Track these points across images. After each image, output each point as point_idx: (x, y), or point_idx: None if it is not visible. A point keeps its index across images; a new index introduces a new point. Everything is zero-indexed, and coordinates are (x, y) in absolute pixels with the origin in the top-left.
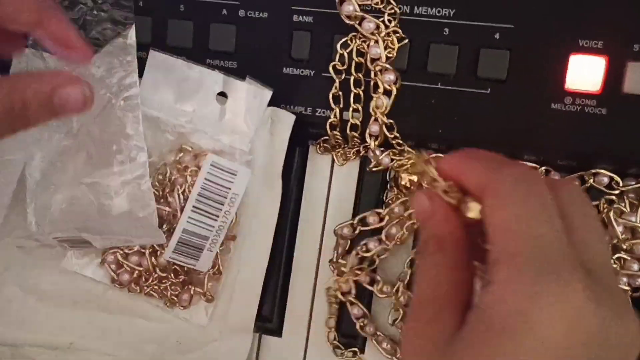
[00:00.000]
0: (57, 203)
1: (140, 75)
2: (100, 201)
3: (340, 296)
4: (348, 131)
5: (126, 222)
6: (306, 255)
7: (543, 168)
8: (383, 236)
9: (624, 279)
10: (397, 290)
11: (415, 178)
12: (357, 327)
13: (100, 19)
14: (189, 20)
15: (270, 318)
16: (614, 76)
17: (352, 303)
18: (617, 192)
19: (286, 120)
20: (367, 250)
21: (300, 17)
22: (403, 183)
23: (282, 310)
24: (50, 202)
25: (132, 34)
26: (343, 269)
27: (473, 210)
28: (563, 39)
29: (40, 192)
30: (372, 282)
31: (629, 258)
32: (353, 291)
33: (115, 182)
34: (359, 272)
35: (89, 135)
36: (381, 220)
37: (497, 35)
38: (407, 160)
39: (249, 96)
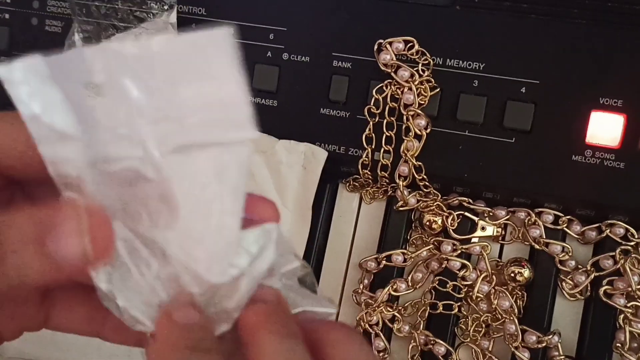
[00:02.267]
0: None
1: None
2: None
3: (367, 327)
4: (378, 171)
5: None
6: (330, 286)
7: (566, 217)
8: (409, 279)
9: (639, 326)
10: (415, 329)
11: (438, 219)
12: None
13: None
14: None
15: None
16: (632, 133)
17: (377, 335)
18: (632, 243)
19: (319, 156)
20: (396, 290)
21: (340, 62)
22: (426, 222)
23: None
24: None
25: (173, 14)
26: (370, 301)
27: None
28: (585, 96)
29: None
30: (394, 319)
31: None
32: (380, 323)
33: None
34: (389, 308)
35: None
36: (405, 260)
37: (523, 89)
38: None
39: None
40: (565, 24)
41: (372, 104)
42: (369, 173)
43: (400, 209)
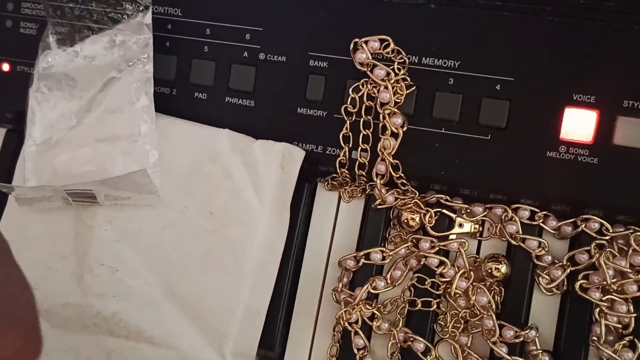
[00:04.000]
0: (60, 162)
1: None
2: (102, 161)
3: (347, 325)
4: (356, 169)
5: (126, 179)
6: (310, 286)
7: (542, 213)
8: (388, 277)
9: (614, 319)
10: (394, 326)
11: (415, 217)
12: (357, 358)
13: None
14: (212, 61)
15: (272, 346)
16: (605, 129)
17: (356, 333)
18: (607, 237)
19: (297, 155)
20: (375, 288)
21: (316, 62)
22: (404, 220)
23: (284, 338)
24: (53, 162)
25: (148, 15)
26: (349, 299)
27: None
28: (559, 92)
29: (42, 152)
30: (373, 316)
31: (618, 299)
32: (359, 321)
33: (121, 147)
34: (369, 306)
35: (97, 101)
36: (384, 258)
37: (498, 87)
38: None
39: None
40: (539, 21)
41: (348, 103)
42: (347, 172)
43: (379, 207)
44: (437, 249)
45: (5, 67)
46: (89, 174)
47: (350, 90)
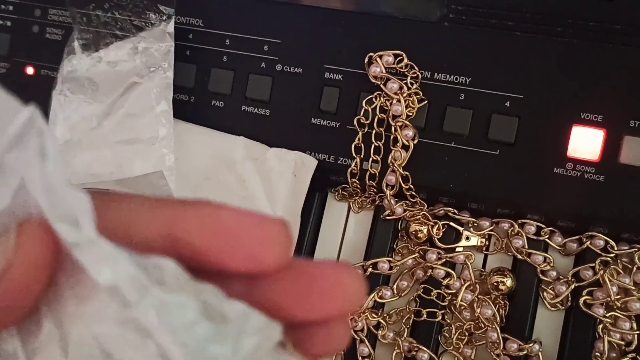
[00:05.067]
0: (80, 162)
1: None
2: (121, 163)
3: (352, 333)
4: (366, 180)
5: (143, 180)
6: None
7: (548, 229)
8: (395, 287)
9: (617, 336)
10: (399, 336)
11: (423, 229)
12: None
13: (145, 7)
14: (230, 70)
15: None
16: (611, 147)
17: (361, 341)
18: (612, 255)
19: (309, 164)
20: (382, 297)
21: (331, 74)
22: (412, 231)
23: None
24: (73, 161)
25: (171, 24)
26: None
27: None
28: (567, 110)
29: (62, 152)
30: (378, 325)
31: (621, 316)
32: (365, 330)
33: (140, 149)
34: (374, 315)
35: (117, 105)
36: (391, 268)
37: (507, 103)
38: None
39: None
40: (549, 41)
41: (361, 114)
42: (358, 182)
43: (387, 218)
44: (443, 260)
45: (30, 70)
46: (108, 175)
47: (364, 102)
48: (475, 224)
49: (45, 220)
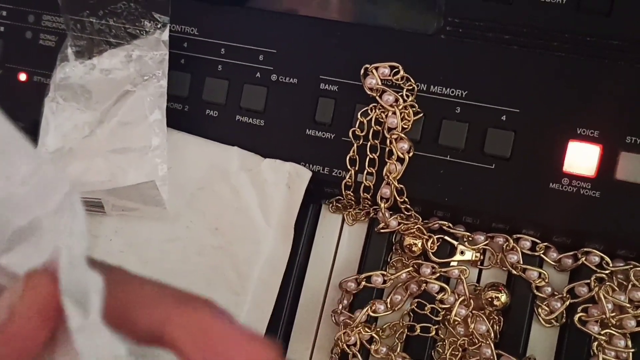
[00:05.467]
0: (72, 171)
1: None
2: (113, 172)
3: (345, 347)
4: (361, 192)
5: (135, 190)
6: (310, 306)
7: (543, 244)
8: (388, 301)
9: (612, 353)
10: (392, 351)
11: (418, 242)
12: None
13: (140, 15)
14: (225, 80)
15: None
16: (607, 163)
17: (354, 355)
18: (607, 271)
19: (304, 176)
20: (375, 311)
21: (327, 85)
22: (406, 245)
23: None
24: (65, 170)
25: (166, 32)
26: (348, 321)
27: None
28: (563, 126)
29: (54, 161)
30: (372, 340)
31: (616, 334)
32: (358, 344)
33: (132, 159)
34: (367, 329)
35: (110, 114)
36: (385, 282)
37: (503, 118)
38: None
39: None
40: (546, 55)
41: (356, 126)
42: (352, 194)
43: (382, 231)
44: (438, 275)
45: (23, 76)
46: (100, 184)
47: (359, 114)
48: (470, 238)
49: (54, 271)
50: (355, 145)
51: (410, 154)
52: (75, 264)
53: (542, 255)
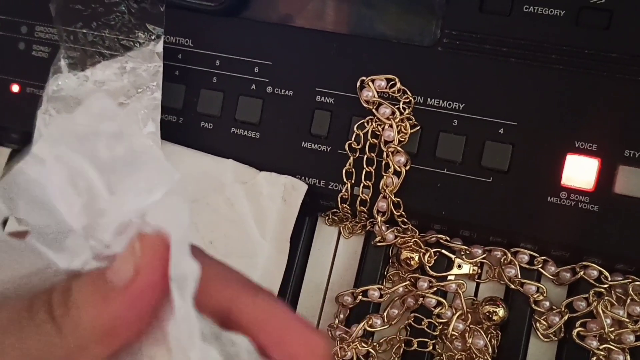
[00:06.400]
0: None
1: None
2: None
3: None
4: (357, 205)
5: None
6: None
7: (541, 258)
8: (385, 315)
9: None
10: None
11: (415, 256)
12: None
13: (133, 26)
14: (220, 91)
15: None
16: (606, 177)
17: None
18: (605, 285)
19: (300, 189)
20: (372, 326)
21: (323, 97)
22: (403, 258)
23: None
24: None
25: (160, 44)
26: (345, 336)
27: None
28: (561, 139)
29: None
30: (368, 355)
31: (615, 348)
32: (354, 359)
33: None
34: (364, 344)
35: None
36: (381, 296)
37: (501, 131)
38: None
39: None
40: (544, 68)
41: (353, 139)
42: (348, 207)
43: (378, 244)
44: (435, 289)
45: (15, 88)
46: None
47: (355, 127)
48: (468, 252)
49: (166, 236)
50: (351, 158)
51: (407, 167)
52: (178, 249)
53: (540, 269)
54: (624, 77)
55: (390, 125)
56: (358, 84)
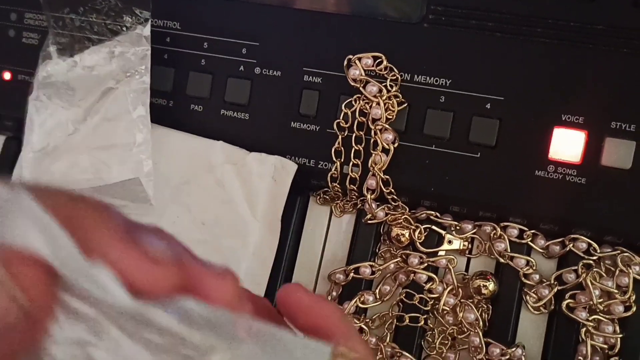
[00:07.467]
0: (58, 169)
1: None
2: (99, 169)
3: None
4: (347, 184)
5: (120, 187)
6: None
7: (530, 232)
8: (377, 292)
9: (600, 339)
10: (382, 341)
11: (405, 232)
12: None
13: (121, 10)
14: (208, 74)
15: None
16: (593, 149)
17: None
18: (594, 257)
19: (289, 168)
20: (364, 302)
21: (311, 77)
22: (394, 235)
23: None
24: (50, 168)
25: (147, 27)
26: None
27: None
28: (548, 112)
29: (39, 159)
30: (361, 331)
31: (604, 320)
32: None
33: (117, 155)
34: (357, 320)
35: (94, 110)
36: (373, 273)
37: (488, 106)
38: None
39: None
40: (529, 42)
41: (341, 118)
42: (338, 186)
43: (369, 222)
44: (426, 264)
45: (7, 75)
46: (86, 182)
47: (343, 105)
48: (458, 227)
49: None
50: (340, 137)
51: (395, 145)
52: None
53: (529, 242)
54: (609, 49)
55: (378, 103)
56: (345, 62)
